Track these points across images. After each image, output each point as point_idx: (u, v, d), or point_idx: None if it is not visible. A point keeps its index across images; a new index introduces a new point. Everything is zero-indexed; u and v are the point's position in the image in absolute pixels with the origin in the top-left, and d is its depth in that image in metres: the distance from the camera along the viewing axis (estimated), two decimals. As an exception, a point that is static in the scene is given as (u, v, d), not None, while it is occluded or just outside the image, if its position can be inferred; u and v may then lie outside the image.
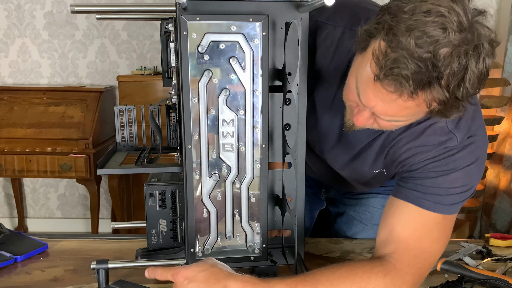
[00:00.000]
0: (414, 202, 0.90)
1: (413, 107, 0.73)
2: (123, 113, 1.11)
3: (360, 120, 0.81)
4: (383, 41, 0.71)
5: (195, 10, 0.83)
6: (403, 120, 0.79)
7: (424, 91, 0.70)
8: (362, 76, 0.76)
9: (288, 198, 0.95)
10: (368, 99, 0.76)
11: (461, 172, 0.89)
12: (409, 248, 0.88)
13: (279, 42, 0.89)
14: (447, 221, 0.91)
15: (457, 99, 0.71)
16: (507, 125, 2.79)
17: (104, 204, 3.20)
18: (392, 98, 0.72)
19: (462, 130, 0.88)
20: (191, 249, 0.95)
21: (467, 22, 0.68)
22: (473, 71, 0.69)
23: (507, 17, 2.81)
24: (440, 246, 0.92)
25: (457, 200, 0.90)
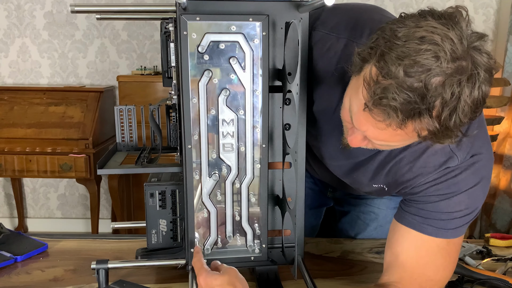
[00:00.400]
0: (416, 228, 0.88)
1: (403, 135, 0.71)
2: (123, 113, 1.11)
3: (354, 142, 0.80)
4: (374, 67, 0.69)
5: (195, 10, 0.83)
6: (396, 145, 0.78)
7: (414, 121, 0.68)
8: (354, 100, 0.75)
9: (288, 198, 0.95)
10: (359, 123, 0.75)
11: (464, 195, 0.86)
12: (414, 277, 0.87)
13: (279, 42, 0.89)
14: (452, 246, 0.89)
15: (448, 129, 0.69)
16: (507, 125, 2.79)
17: (104, 204, 3.20)
18: (381, 127, 0.71)
19: (464, 149, 0.86)
20: (191, 249, 0.95)
21: (462, 50, 0.66)
22: (465, 101, 0.66)
23: (507, 17, 2.81)
24: (446, 273, 0.90)
25: (461, 223, 0.88)
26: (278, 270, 1.01)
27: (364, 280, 1.05)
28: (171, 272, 1.07)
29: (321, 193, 1.36)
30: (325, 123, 0.97)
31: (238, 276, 0.84)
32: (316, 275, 1.05)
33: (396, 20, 0.71)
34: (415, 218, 0.89)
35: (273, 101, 0.92)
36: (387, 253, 0.92)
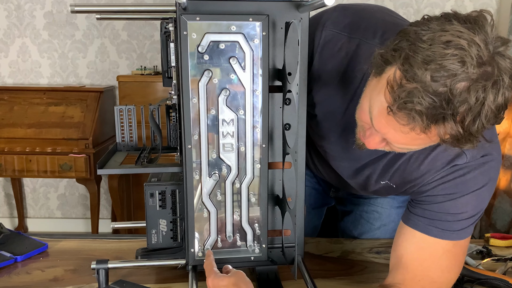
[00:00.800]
0: (421, 230, 0.88)
1: (425, 139, 0.71)
2: (123, 113, 1.11)
3: (372, 144, 0.79)
4: (399, 70, 0.68)
5: (195, 10, 0.83)
6: (415, 148, 0.78)
7: (438, 126, 0.67)
8: (376, 103, 0.74)
9: (288, 198, 0.95)
10: (380, 126, 0.74)
11: (471, 196, 0.86)
12: (416, 279, 0.86)
13: (279, 42, 0.89)
14: (458, 248, 0.88)
15: (471, 134, 0.69)
16: (507, 125, 2.79)
17: (104, 204, 3.20)
18: (404, 131, 0.70)
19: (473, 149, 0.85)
20: (191, 249, 0.95)
21: (488, 55, 0.65)
22: (489, 106, 0.66)
23: (507, 17, 2.80)
24: (451, 275, 0.89)
25: (466, 224, 0.88)
26: (278, 270, 1.01)
27: (364, 280, 1.05)
28: (171, 272, 1.07)
29: (324, 193, 1.36)
30: (334, 124, 0.97)
31: (245, 279, 0.84)
32: (316, 275, 1.05)
33: (420, 22, 0.70)
34: (420, 219, 0.88)
35: (273, 101, 0.92)
36: (392, 254, 0.92)
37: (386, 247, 1.21)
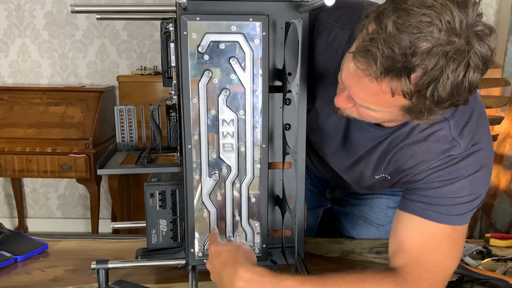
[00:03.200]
0: (420, 215, 0.88)
1: (380, 94, 0.72)
2: (123, 113, 1.11)
3: (339, 100, 0.82)
4: (373, 23, 0.71)
5: (195, 10, 0.83)
6: (375, 109, 0.78)
7: (390, 78, 0.69)
8: (347, 55, 0.77)
9: (288, 198, 0.95)
10: (346, 77, 0.77)
11: (466, 181, 0.87)
12: (420, 262, 0.86)
13: (279, 42, 0.89)
14: (457, 233, 0.89)
15: (424, 98, 0.70)
16: (507, 125, 2.79)
17: (104, 204, 3.20)
18: (361, 76, 0.72)
19: (466, 138, 0.87)
20: (191, 249, 0.95)
21: (460, 28, 0.66)
22: (448, 76, 0.67)
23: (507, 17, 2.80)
24: (453, 260, 0.89)
25: (465, 209, 0.88)
26: (278, 270, 1.01)
27: (364, 280, 1.05)
28: (171, 272, 1.07)
29: (319, 194, 1.36)
30: (329, 116, 0.97)
31: (247, 246, 0.86)
32: (316, 275, 1.05)
33: None
34: (418, 205, 0.89)
35: (273, 101, 0.92)
36: (392, 242, 0.92)
37: (386, 247, 1.20)
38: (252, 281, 0.78)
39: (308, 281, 0.80)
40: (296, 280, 0.80)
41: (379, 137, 0.93)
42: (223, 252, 0.83)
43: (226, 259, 0.82)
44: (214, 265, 0.85)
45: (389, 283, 0.82)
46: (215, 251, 0.84)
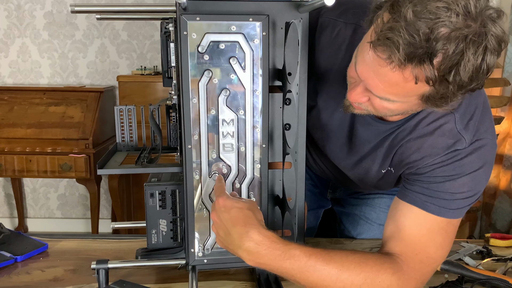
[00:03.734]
0: (420, 206, 0.89)
1: (402, 83, 0.72)
2: (123, 113, 1.11)
3: (353, 95, 0.81)
4: (387, 12, 0.71)
5: (195, 10, 0.83)
6: (393, 100, 0.78)
7: (413, 65, 0.69)
8: (362, 47, 0.77)
9: (288, 198, 0.95)
10: (362, 69, 0.77)
11: (468, 177, 0.88)
12: (415, 252, 0.88)
13: (279, 42, 0.89)
14: (451, 226, 0.90)
15: (447, 83, 0.70)
16: (507, 125, 2.79)
17: (104, 204, 3.20)
18: (382, 66, 0.72)
19: (471, 132, 0.87)
20: (191, 249, 0.95)
21: (475, 12, 0.68)
22: (469, 59, 0.68)
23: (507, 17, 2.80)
24: (444, 252, 0.92)
25: (463, 205, 0.90)
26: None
27: (364, 280, 1.05)
28: (171, 272, 1.07)
29: (320, 195, 1.36)
30: (333, 112, 0.98)
31: (258, 207, 0.86)
32: (316, 275, 1.05)
33: None
34: (419, 196, 0.89)
35: (273, 101, 0.92)
36: (388, 227, 0.93)
37: (386, 247, 1.20)
38: (262, 244, 0.80)
39: (315, 254, 0.82)
40: (304, 251, 0.81)
41: (384, 131, 0.93)
42: (234, 209, 0.82)
43: (237, 217, 0.82)
44: (222, 219, 0.83)
45: (388, 269, 0.85)
46: (225, 205, 0.83)
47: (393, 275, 0.84)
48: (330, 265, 0.82)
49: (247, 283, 1.03)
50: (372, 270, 0.83)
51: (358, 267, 0.83)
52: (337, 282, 0.82)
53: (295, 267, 0.81)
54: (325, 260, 0.82)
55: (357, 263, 0.83)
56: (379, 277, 0.83)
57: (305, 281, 0.82)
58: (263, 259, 0.81)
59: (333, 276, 0.82)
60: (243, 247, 0.80)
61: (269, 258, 0.80)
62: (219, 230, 0.85)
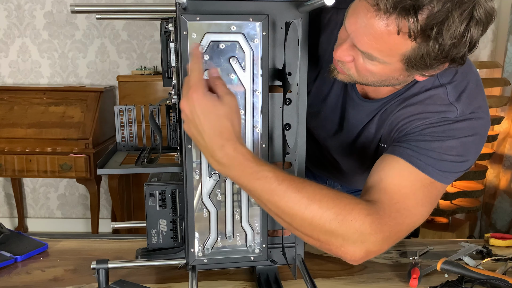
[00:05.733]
0: (406, 159, 0.88)
1: (385, 36, 0.74)
2: (123, 113, 1.11)
3: (339, 52, 0.82)
4: None
5: (195, 10, 0.83)
6: (376, 58, 0.79)
7: (398, 14, 0.70)
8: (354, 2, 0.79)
9: (288, 198, 0.95)
10: (350, 21, 0.78)
11: (457, 141, 0.88)
12: (393, 201, 0.85)
13: (279, 42, 0.89)
14: (434, 188, 0.89)
15: (428, 40, 0.71)
16: (507, 125, 2.79)
17: (104, 204, 3.20)
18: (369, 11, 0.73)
19: (463, 104, 0.88)
20: (191, 249, 0.95)
21: None
22: (454, 20, 0.69)
23: (507, 17, 2.81)
24: (424, 210, 0.88)
25: (449, 168, 0.89)
26: (278, 270, 1.01)
27: (364, 280, 1.05)
28: (171, 272, 1.07)
29: None
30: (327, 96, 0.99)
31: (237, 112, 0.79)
32: (316, 275, 1.05)
33: None
34: (406, 150, 0.89)
35: (273, 101, 0.92)
36: (370, 178, 0.90)
37: (386, 247, 1.21)
38: (235, 159, 0.76)
39: (288, 179, 0.78)
40: (277, 175, 0.77)
41: (375, 109, 0.95)
42: (212, 114, 0.75)
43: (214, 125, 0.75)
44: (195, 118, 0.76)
45: (362, 209, 0.80)
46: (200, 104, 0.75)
47: (367, 217, 0.80)
48: (302, 193, 0.77)
49: (247, 283, 1.03)
50: (345, 208, 0.78)
51: (331, 201, 0.78)
52: (305, 212, 0.77)
53: (265, 189, 0.77)
54: (297, 188, 0.77)
55: (330, 197, 0.79)
56: (352, 215, 0.78)
57: (272, 205, 0.78)
58: (232, 173, 0.77)
59: (303, 205, 0.77)
60: (215, 157, 0.77)
61: (239, 174, 0.77)
62: (190, 126, 0.78)
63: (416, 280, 1.02)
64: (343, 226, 0.78)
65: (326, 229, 0.78)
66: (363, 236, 0.79)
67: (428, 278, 1.05)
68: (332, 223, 0.78)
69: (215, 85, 0.79)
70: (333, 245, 0.80)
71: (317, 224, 0.78)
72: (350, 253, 0.80)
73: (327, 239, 0.79)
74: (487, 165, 2.73)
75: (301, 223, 0.79)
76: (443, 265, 1.04)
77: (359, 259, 0.81)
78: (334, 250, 0.81)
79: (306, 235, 0.81)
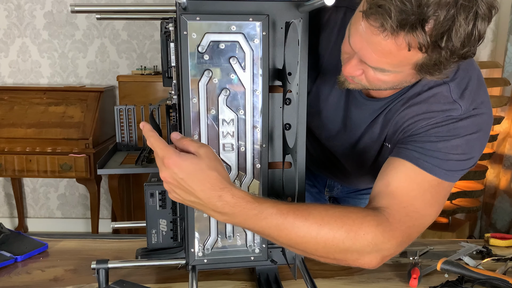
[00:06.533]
0: (412, 161, 0.88)
1: (395, 51, 0.73)
2: (123, 113, 1.11)
3: (348, 68, 0.82)
4: None
5: (195, 10, 0.83)
6: (388, 70, 0.78)
7: (406, 32, 0.70)
8: (354, 18, 0.78)
9: (288, 198, 0.95)
10: (355, 40, 0.78)
11: (462, 140, 0.88)
12: (403, 205, 0.85)
13: (279, 42, 0.89)
14: (442, 188, 0.89)
15: (439, 49, 0.71)
16: (507, 125, 2.79)
17: (104, 204, 3.20)
18: (375, 34, 0.73)
19: (467, 100, 0.88)
20: (191, 249, 0.95)
21: None
22: (461, 24, 0.69)
23: (507, 17, 2.81)
24: (433, 211, 0.89)
25: (455, 167, 0.89)
26: (278, 270, 1.01)
27: (364, 280, 1.05)
28: (171, 272, 1.07)
29: (317, 194, 1.36)
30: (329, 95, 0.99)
31: (216, 159, 0.78)
32: (316, 275, 1.05)
33: None
34: (412, 153, 0.89)
35: (273, 101, 0.92)
36: (377, 183, 0.90)
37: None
38: (237, 206, 0.76)
39: (292, 211, 0.78)
40: (280, 209, 0.77)
41: (378, 108, 0.95)
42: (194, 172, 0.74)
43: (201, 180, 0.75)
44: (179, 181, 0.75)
45: (371, 221, 0.81)
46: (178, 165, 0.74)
47: (377, 227, 0.80)
48: (309, 220, 0.78)
49: (247, 283, 1.03)
50: (354, 223, 0.79)
51: (339, 220, 0.79)
52: (317, 237, 0.78)
53: (272, 226, 0.77)
54: (303, 216, 0.78)
55: (337, 217, 0.79)
56: (362, 229, 0.79)
57: (283, 239, 0.79)
58: (237, 220, 0.78)
59: (313, 232, 0.78)
60: (216, 209, 0.76)
61: (244, 219, 0.77)
62: (176, 190, 0.77)
63: (416, 280, 1.02)
64: (357, 242, 0.79)
65: (340, 249, 0.80)
66: (377, 246, 0.81)
67: (428, 278, 1.05)
68: (346, 242, 0.79)
69: (184, 145, 0.78)
70: (349, 260, 0.82)
71: (331, 246, 0.79)
72: (367, 262, 0.82)
73: (343, 256, 0.81)
74: (487, 165, 2.73)
75: (315, 248, 0.80)
76: (443, 265, 1.04)
77: (376, 265, 0.83)
78: (351, 264, 0.83)
79: (322, 257, 0.82)
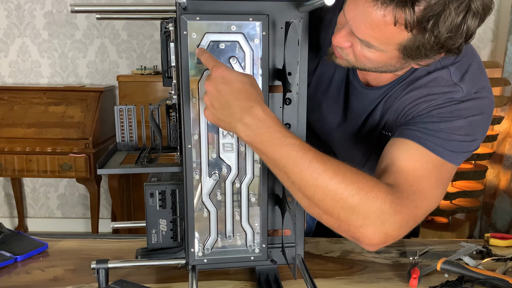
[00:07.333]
0: (415, 140, 0.88)
1: (382, 25, 0.74)
2: (123, 113, 1.11)
3: (338, 37, 0.83)
4: None
5: (195, 10, 0.83)
6: (374, 46, 0.80)
7: (395, 5, 0.71)
8: None
9: (288, 198, 0.95)
10: (349, 8, 0.79)
11: (464, 121, 0.88)
12: (409, 183, 0.84)
13: (279, 42, 0.89)
14: (446, 170, 0.89)
15: (424, 31, 0.72)
16: (507, 125, 2.79)
17: (104, 204, 3.20)
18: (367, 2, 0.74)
19: (468, 83, 0.89)
20: (191, 249, 0.95)
21: None
22: (450, 13, 0.70)
23: (507, 17, 2.81)
24: (438, 192, 0.88)
25: (459, 148, 0.89)
26: (278, 270, 1.01)
27: (364, 280, 1.05)
28: (171, 272, 1.07)
29: None
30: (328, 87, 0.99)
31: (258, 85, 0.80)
32: (316, 275, 1.05)
33: None
34: (415, 132, 0.89)
35: (273, 101, 0.92)
36: (381, 162, 0.89)
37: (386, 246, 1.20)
38: (265, 121, 0.75)
39: (313, 151, 0.77)
40: (303, 144, 0.77)
41: (378, 97, 0.95)
42: (236, 82, 0.75)
43: (240, 91, 0.75)
44: (220, 91, 0.76)
45: (383, 187, 0.80)
46: (223, 76, 0.75)
47: (387, 196, 0.79)
48: (327, 165, 0.76)
49: (247, 283, 1.03)
50: (367, 184, 0.78)
51: (354, 176, 0.77)
52: (329, 183, 0.76)
53: (291, 157, 0.75)
54: (322, 160, 0.76)
55: (353, 172, 0.78)
56: (373, 192, 0.77)
57: (296, 175, 0.76)
58: (260, 137, 0.76)
59: (327, 176, 0.76)
60: (243, 121, 0.75)
61: (267, 138, 0.75)
62: (214, 101, 0.77)
63: (416, 280, 1.02)
64: (365, 202, 0.77)
65: (348, 205, 0.77)
66: (383, 215, 0.78)
67: (428, 278, 1.05)
68: (355, 198, 0.76)
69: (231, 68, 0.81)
70: (352, 224, 0.78)
71: (340, 199, 0.76)
72: (369, 235, 0.79)
73: (347, 216, 0.78)
74: (487, 165, 2.73)
75: (323, 196, 0.77)
76: (443, 265, 1.04)
77: (377, 243, 0.80)
78: (352, 231, 0.79)
79: (326, 212, 0.79)
